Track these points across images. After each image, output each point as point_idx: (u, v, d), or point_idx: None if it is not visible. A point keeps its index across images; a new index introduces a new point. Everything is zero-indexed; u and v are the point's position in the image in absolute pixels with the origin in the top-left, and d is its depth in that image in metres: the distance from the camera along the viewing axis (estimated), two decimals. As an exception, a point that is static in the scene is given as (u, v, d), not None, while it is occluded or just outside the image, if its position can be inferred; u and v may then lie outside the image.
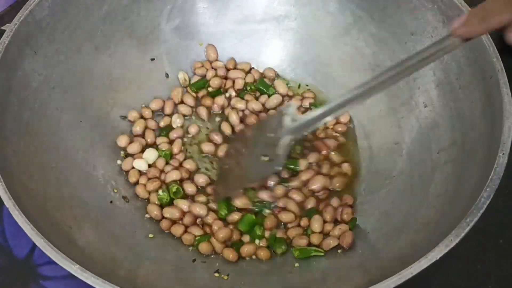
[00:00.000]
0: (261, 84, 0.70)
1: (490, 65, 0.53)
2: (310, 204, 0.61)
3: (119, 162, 0.64)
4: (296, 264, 0.57)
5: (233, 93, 0.70)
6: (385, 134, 0.66)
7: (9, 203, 0.46)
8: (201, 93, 0.70)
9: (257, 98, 0.70)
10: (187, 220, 0.60)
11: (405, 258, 0.48)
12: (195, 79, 0.71)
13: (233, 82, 0.71)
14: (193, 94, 0.70)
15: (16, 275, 0.60)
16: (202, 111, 0.69)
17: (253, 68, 0.73)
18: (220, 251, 0.58)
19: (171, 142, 0.67)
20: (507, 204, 0.65)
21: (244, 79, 0.71)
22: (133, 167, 0.64)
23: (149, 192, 0.62)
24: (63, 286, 0.59)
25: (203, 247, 0.58)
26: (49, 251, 0.44)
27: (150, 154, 0.64)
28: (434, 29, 0.60)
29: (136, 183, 0.63)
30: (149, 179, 0.63)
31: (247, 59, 0.73)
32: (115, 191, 0.62)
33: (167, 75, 0.71)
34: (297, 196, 0.61)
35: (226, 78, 0.71)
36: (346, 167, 0.64)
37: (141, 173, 0.64)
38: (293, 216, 0.60)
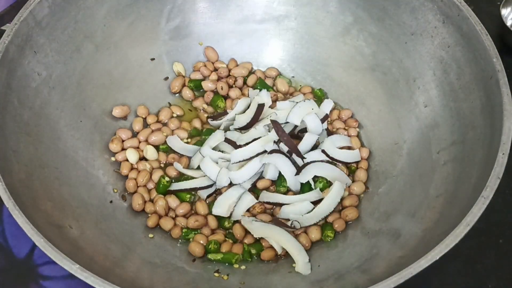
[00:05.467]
0: (261, 85, 0.71)
1: (490, 65, 0.53)
2: None
3: (113, 159, 0.65)
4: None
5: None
6: (385, 134, 0.66)
7: (9, 203, 0.46)
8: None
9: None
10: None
11: (405, 258, 0.48)
12: (194, 75, 0.72)
13: (235, 79, 0.71)
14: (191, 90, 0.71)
15: (16, 275, 0.60)
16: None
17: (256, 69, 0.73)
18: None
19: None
20: (507, 204, 0.65)
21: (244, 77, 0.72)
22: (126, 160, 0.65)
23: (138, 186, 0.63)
24: (63, 286, 0.59)
25: (192, 247, 0.58)
26: (49, 251, 0.44)
27: (133, 155, 0.65)
28: (434, 29, 0.60)
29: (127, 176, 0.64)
30: (139, 172, 0.64)
31: (247, 59, 0.73)
32: (115, 190, 0.62)
33: (166, 79, 0.71)
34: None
35: (227, 76, 0.72)
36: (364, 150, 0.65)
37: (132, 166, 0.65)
38: None
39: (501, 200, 0.65)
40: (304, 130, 0.65)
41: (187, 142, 0.67)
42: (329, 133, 0.67)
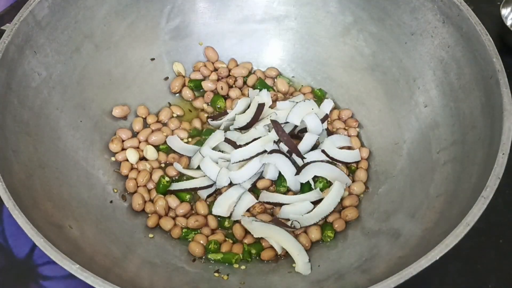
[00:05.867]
0: (261, 85, 0.71)
1: (490, 65, 0.53)
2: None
3: (113, 159, 0.65)
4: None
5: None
6: (385, 134, 0.66)
7: (9, 203, 0.46)
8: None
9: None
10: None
11: (405, 258, 0.48)
12: (195, 75, 0.72)
13: (235, 79, 0.71)
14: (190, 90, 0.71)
15: (16, 275, 0.60)
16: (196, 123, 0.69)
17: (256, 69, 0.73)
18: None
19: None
20: (507, 204, 0.65)
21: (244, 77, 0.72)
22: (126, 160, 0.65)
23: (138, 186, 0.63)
24: (63, 286, 0.59)
25: (192, 247, 0.58)
26: (49, 251, 0.44)
27: (133, 155, 0.65)
28: (434, 29, 0.60)
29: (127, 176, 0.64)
30: (139, 172, 0.64)
31: (247, 59, 0.73)
32: (115, 190, 0.62)
33: (166, 79, 0.71)
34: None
35: (228, 76, 0.72)
36: (364, 151, 0.65)
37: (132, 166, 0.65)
38: None
39: (501, 200, 0.65)
40: (304, 130, 0.65)
41: (187, 142, 0.67)
42: (329, 133, 0.67)
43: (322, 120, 0.64)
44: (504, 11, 0.77)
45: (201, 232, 0.60)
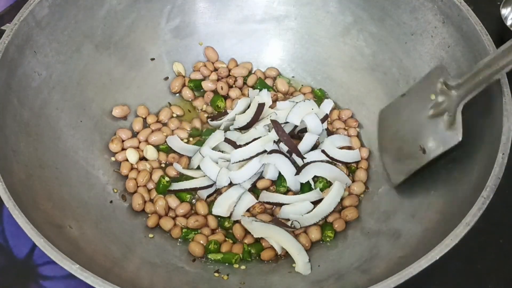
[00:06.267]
0: (261, 85, 0.71)
1: (490, 65, 0.53)
2: None
3: (113, 159, 0.65)
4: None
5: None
6: (385, 134, 0.66)
7: (9, 203, 0.46)
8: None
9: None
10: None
11: (405, 258, 0.48)
12: (195, 75, 0.72)
13: (235, 79, 0.71)
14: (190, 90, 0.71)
15: (16, 275, 0.60)
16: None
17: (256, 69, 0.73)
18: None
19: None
20: (507, 204, 0.65)
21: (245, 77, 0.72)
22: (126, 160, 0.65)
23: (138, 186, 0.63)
24: (63, 286, 0.59)
25: (192, 247, 0.58)
26: (49, 251, 0.44)
27: (133, 155, 0.65)
28: (434, 29, 0.60)
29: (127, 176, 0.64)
30: (139, 172, 0.64)
31: (247, 59, 0.73)
32: (115, 190, 0.62)
33: (166, 79, 0.71)
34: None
35: (228, 76, 0.72)
36: (363, 151, 0.65)
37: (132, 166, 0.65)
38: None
39: (501, 200, 0.64)
40: (304, 130, 0.65)
41: (187, 142, 0.67)
42: (329, 133, 0.67)
43: (322, 120, 0.64)
44: (504, 11, 0.77)
45: (201, 232, 0.60)
